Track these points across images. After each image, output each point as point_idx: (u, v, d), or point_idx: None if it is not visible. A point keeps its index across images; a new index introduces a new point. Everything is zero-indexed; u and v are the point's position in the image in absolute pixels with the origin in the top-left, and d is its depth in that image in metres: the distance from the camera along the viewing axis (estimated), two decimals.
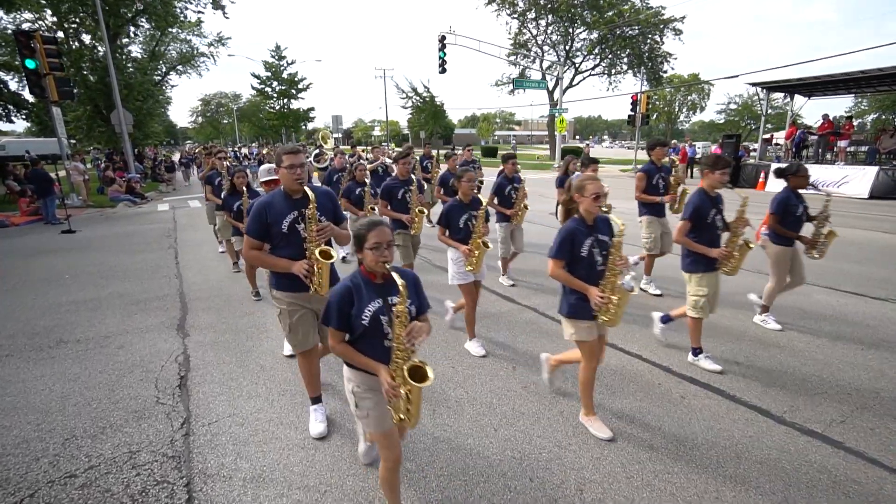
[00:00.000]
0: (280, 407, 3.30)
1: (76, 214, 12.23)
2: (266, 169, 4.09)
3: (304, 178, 2.71)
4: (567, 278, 2.80)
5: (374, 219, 2.07)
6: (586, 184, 2.75)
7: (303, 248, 2.78)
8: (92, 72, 21.50)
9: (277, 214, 2.76)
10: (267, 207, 2.76)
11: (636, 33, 31.78)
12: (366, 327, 2.02)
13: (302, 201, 2.77)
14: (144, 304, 5.49)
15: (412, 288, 2.10)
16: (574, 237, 2.76)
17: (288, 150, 2.75)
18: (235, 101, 63.66)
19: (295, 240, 2.80)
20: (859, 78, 15.63)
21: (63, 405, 3.36)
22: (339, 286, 2.08)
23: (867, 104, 44.34)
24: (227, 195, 5.56)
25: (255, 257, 2.84)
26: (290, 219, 2.77)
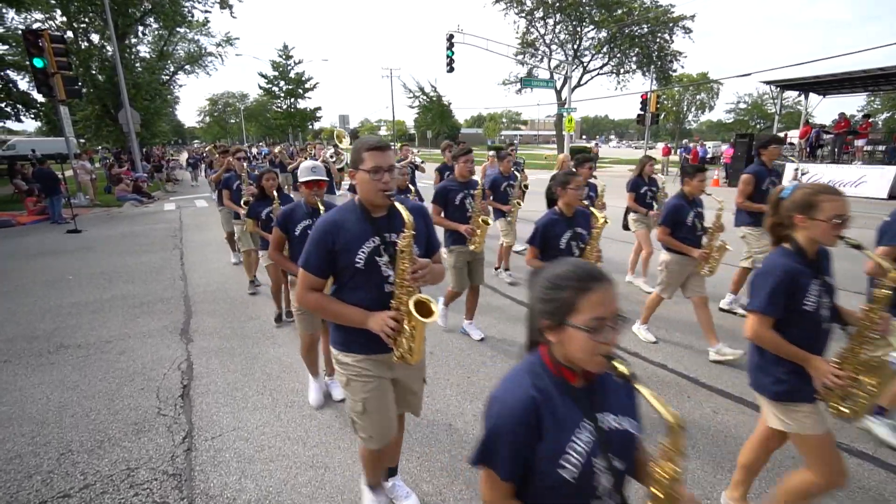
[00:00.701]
0: (287, 420, 3.12)
1: (82, 214, 12.17)
2: (309, 167, 3.15)
3: (392, 187, 1.79)
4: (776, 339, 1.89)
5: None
6: None
7: (384, 292, 1.87)
8: (100, 71, 21.55)
9: (351, 240, 1.81)
10: (335, 229, 1.82)
11: (645, 32, 31.39)
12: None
13: (386, 222, 1.86)
14: (148, 306, 5.34)
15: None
16: None
17: (372, 144, 1.79)
18: (242, 100, 63.86)
19: (374, 279, 1.86)
20: (877, 76, 15.23)
21: (60, 416, 3.20)
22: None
23: (880, 103, 43.59)
24: (254, 201, 4.55)
25: (316, 303, 1.88)
26: (368, 248, 1.83)
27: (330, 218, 1.85)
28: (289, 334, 4.44)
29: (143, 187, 16.07)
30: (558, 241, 3.04)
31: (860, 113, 34.57)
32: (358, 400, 1.96)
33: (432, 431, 2.98)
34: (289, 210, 3.11)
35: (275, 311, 4.78)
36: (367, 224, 1.84)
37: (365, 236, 1.82)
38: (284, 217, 3.07)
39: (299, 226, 3.05)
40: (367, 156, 1.77)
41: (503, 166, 5.91)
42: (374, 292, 1.86)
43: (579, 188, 3.05)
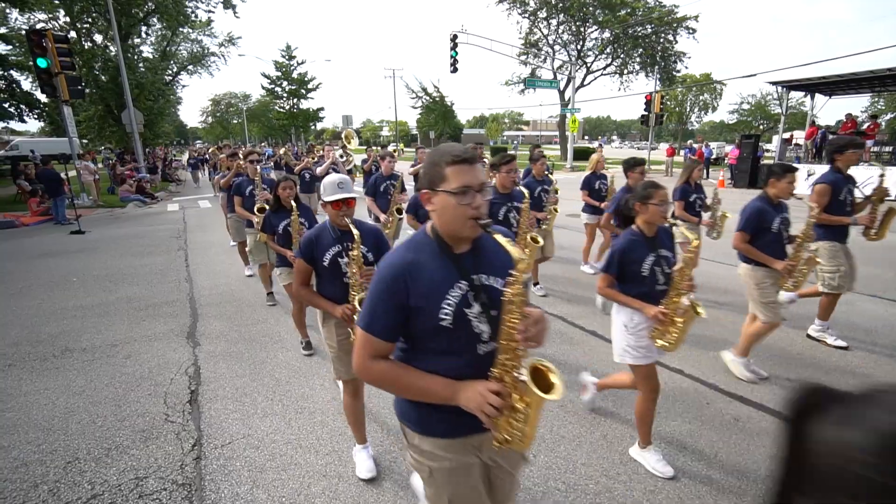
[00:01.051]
0: (298, 427, 3.05)
1: (86, 214, 12.12)
2: (335, 182, 2.49)
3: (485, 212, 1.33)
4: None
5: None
6: None
7: (478, 355, 1.38)
8: (103, 71, 21.53)
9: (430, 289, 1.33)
10: (406, 275, 1.33)
11: (649, 32, 31.30)
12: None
13: (472, 260, 1.39)
14: (153, 309, 5.28)
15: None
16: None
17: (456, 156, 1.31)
18: (245, 101, 63.86)
19: (465, 339, 1.37)
20: (885, 76, 15.12)
21: (66, 423, 3.14)
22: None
23: (883, 104, 43.39)
24: (269, 211, 4.05)
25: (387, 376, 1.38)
26: (455, 298, 1.34)
27: (398, 259, 1.35)
28: (296, 338, 4.37)
29: (146, 188, 16.04)
30: (639, 266, 2.49)
31: (864, 113, 34.43)
32: (444, 496, 1.49)
33: None
34: (313, 236, 2.52)
35: (301, 340, 4.18)
36: (449, 264, 1.35)
37: (449, 282, 1.33)
38: (309, 244, 2.50)
39: (328, 254, 2.50)
40: (451, 172, 1.30)
41: (536, 169, 5.42)
42: (467, 357, 1.36)
43: (664, 203, 2.50)
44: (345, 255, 2.48)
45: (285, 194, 3.91)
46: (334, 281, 2.52)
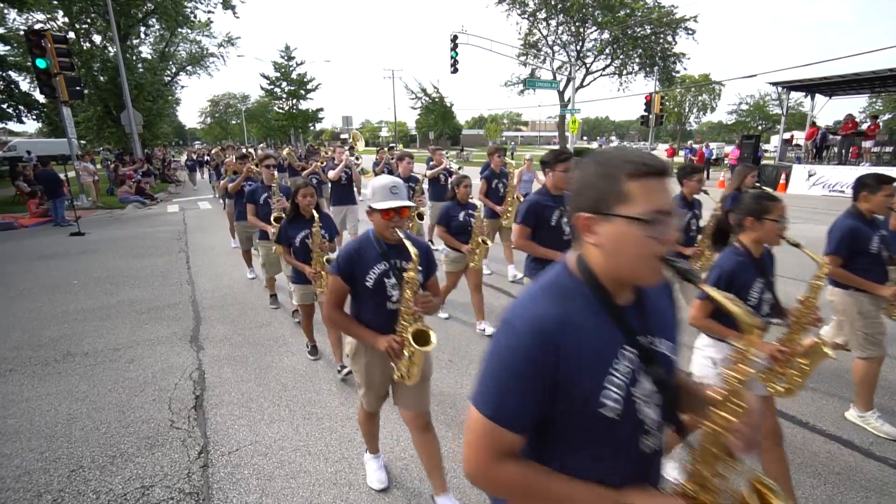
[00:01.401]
0: (306, 434, 2.99)
1: (85, 216, 12.04)
2: (386, 186, 2.07)
3: (673, 247, 0.94)
4: None
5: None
6: None
7: (638, 448, 1.00)
8: (102, 72, 21.47)
9: (591, 359, 0.91)
10: (558, 339, 0.88)
11: (648, 33, 31.31)
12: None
13: (637, 312, 0.99)
14: (156, 312, 5.22)
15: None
16: None
17: (645, 166, 0.88)
18: (244, 101, 63.77)
19: (629, 426, 0.97)
20: (886, 77, 15.12)
21: (69, 429, 3.08)
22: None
23: (881, 104, 43.48)
24: (286, 222, 3.63)
25: (518, 483, 0.94)
26: (624, 374, 0.95)
27: (541, 313, 0.90)
28: (302, 342, 4.31)
29: (145, 189, 15.96)
30: (746, 293, 2.06)
31: (861, 114, 34.51)
32: None
33: (459, 445, 2.85)
34: (354, 250, 2.10)
35: (307, 343, 4.07)
36: (610, 323, 0.93)
37: (613, 345, 0.92)
38: (349, 260, 2.08)
39: (373, 272, 2.09)
40: (638, 189, 0.88)
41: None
42: (624, 455, 0.97)
43: (782, 219, 2.08)
44: (392, 274, 2.11)
45: (305, 202, 3.48)
46: (377, 306, 2.12)
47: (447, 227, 4.20)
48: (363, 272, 2.09)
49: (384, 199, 2.03)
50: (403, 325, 2.09)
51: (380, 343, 2.07)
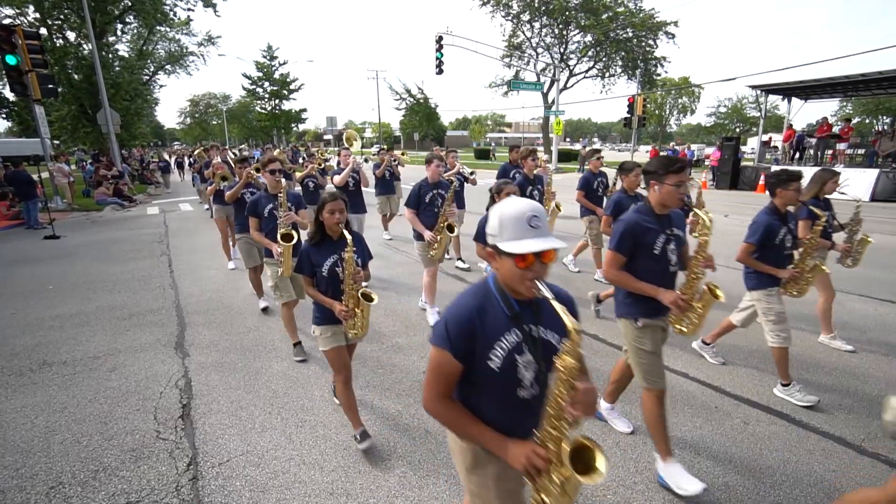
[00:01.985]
0: (300, 443, 2.90)
1: (60, 218, 11.63)
2: (524, 216, 1.33)
3: None
4: None
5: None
6: None
7: None
8: (77, 70, 20.78)
9: None
10: None
11: (630, 36, 31.82)
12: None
13: None
14: (137, 318, 5.04)
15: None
16: None
17: None
18: (225, 101, 62.67)
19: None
20: (857, 81, 15.62)
21: (48, 443, 2.92)
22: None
23: (851, 108, 44.99)
24: (309, 245, 2.79)
25: None
26: None
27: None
28: (291, 346, 4.21)
29: (124, 190, 15.50)
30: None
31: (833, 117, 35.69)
32: None
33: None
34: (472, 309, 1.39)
35: (294, 345, 4.08)
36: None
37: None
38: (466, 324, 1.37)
39: (500, 347, 1.37)
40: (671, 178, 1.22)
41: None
42: None
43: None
44: (526, 349, 1.38)
45: (333, 220, 2.68)
46: (505, 396, 1.43)
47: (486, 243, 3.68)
48: (486, 346, 1.36)
49: (519, 235, 1.30)
50: (551, 435, 1.30)
51: (517, 457, 1.31)
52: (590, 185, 5.93)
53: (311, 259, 2.75)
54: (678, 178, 2.30)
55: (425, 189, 4.55)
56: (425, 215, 4.55)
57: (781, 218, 3.24)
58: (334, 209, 2.68)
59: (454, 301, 1.44)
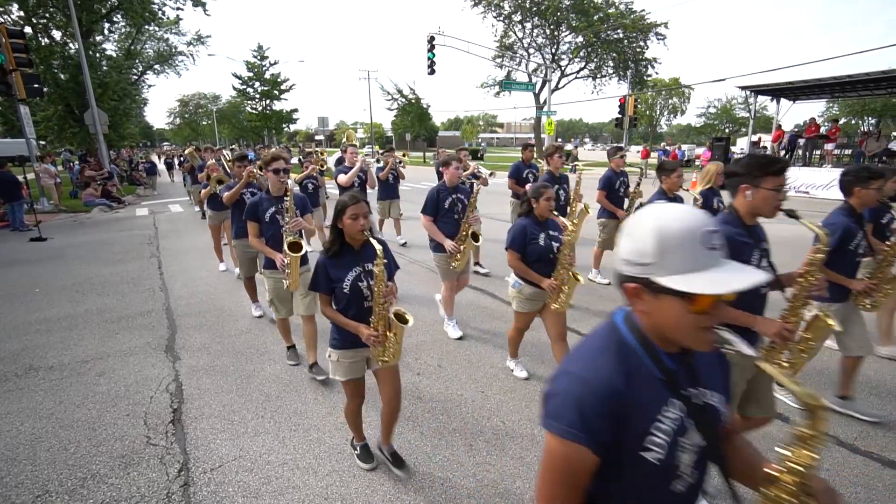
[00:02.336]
0: (293, 447, 2.86)
1: (47, 220, 11.43)
2: (698, 233, 0.88)
3: None
4: None
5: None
6: None
7: None
8: (63, 70, 20.43)
9: None
10: None
11: (620, 37, 32.05)
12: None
13: None
14: (127, 321, 4.95)
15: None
16: None
17: None
18: (215, 101, 62.10)
19: None
20: (844, 82, 15.85)
21: (34, 451, 2.86)
22: None
23: (838, 108, 45.68)
24: (325, 258, 2.39)
25: None
26: None
27: None
28: (285, 349, 4.16)
29: (112, 191, 15.28)
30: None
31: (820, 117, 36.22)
32: None
33: (452, 454, 2.78)
34: (620, 378, 0.93)
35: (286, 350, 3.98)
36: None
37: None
38: (614, 414, 0.91)
39: (659, 429, 0.93)
40: None
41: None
42: None
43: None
44: (692, 423, 0.97)
45: (356, 227, 2.27)
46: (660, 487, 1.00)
47: (522, 253, 3.20)
48: (641, 426, 0.93)
49: (699, 264, 0.88)
50: None
51: None
52: (611, 185, 5.56)
53: (330, 273, 2.34)
54: (778, 181, 1.92)
55: (444, 194, 4.14)
56: (444, 223, 4.15)
57: (858, 220, 2.87)
58: (357, 213, 2.26)
59: (574, 358, 1.01)
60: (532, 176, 6.26)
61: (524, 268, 3.21)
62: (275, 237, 3.56)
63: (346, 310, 2.38)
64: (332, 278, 2.34)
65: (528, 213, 3.25)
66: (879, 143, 15.54)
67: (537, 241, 3.16)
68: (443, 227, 4.15)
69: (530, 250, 3.18)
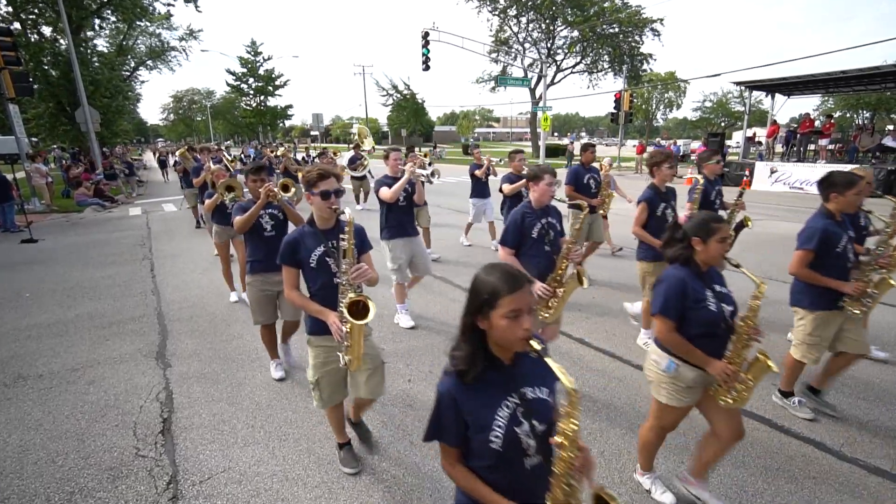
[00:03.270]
0: (283, 457, 2.86)
1: (38, 221, 11.35)
2: None
3: None
4: None
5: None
6: None
7: None
8: (53, 66, 20.19)
9: None
10: None
11: (616, 32, 31.95)
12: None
13: None
14: (118, 326, 4.93)
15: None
16: None
17: None
18: (209, 97, 61.60)
19: None
20: (838, 78, 15.85)
21: (21, 463, 2.84)
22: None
23: (832, 103, 45.77)
24: None
25: None
26: None
27: None
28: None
29: (105, 191, 15.17)
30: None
31: (815, 111, 36.28)
32: None
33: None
34: None
35: None
36: None
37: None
38: None
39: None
40: None
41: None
42: None
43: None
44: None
45: None
46: None
47: (680, 322, 2.21)
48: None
49: None
50: None
51: None
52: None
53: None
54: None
55: (531, 218, 3.11)
56: (531, 257, 3.11)
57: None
58: None
59: None
60: (594, 182, 5.74)
61: (684, 345, 2.18)
62: (325, 289, 2.46)
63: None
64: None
65: (688, 261, 2.20)
66: (873, 138, 15.59)
67: (705, 303, 2.13)
68: (528, 263, 3.06)
69: (694, 318, 2.15)
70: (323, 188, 2.40)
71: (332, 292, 2.38)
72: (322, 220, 2.48)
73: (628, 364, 3.97)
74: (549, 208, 3.22)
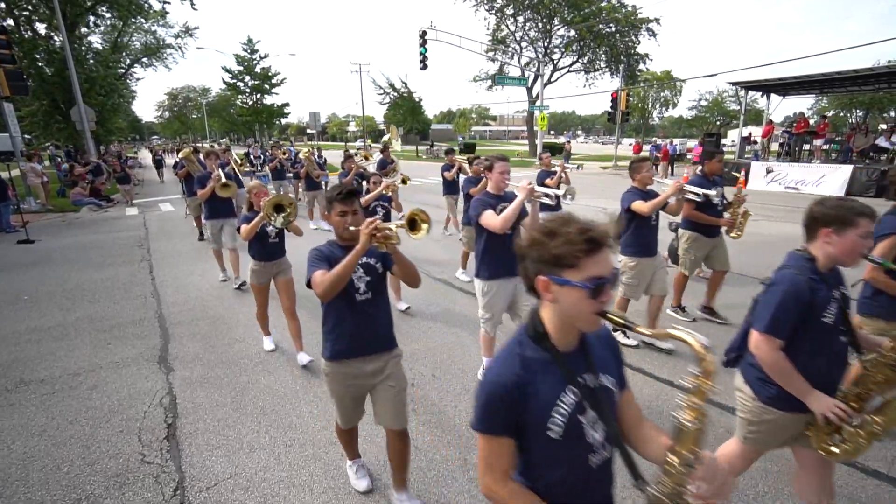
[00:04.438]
0: (289, 463, 2.88)
1: (34, 221, 11.27)
2: None
3: None
4: None
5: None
6: None
7: None
8: (48, 64, 20.02)
9: None
10: None
11: (613, 31, 32.01)
12: None
13: None
14: (118, 330, 4.92)
15: None
16: None
17: None
18: (204, 95, 61.20)
19: None
20: (833, 79, 15.96)
21: (26, 471, 2.84)
22: None
23: (826, 103, 46.05)
24: None
25: None
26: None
27: None
28: (279, 359, 4.17)
29: (101, 190, 15.07)
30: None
31: (809, 110, 36.49)
32: None
33: (447, 469, 2.81)
34: None
35: None
36: None
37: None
38: None
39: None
40: None
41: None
42: None
43: None
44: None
45: None
46: None
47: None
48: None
49: None
50: None
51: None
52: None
53: None
54: None
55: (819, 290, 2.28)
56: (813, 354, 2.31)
57: None
58: None
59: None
60: (723, 199, 4.61)
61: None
62: None
63: None
64: None
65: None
66: (867, 138, 15.71)
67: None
68: None
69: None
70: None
71: None
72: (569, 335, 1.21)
73: None
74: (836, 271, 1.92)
